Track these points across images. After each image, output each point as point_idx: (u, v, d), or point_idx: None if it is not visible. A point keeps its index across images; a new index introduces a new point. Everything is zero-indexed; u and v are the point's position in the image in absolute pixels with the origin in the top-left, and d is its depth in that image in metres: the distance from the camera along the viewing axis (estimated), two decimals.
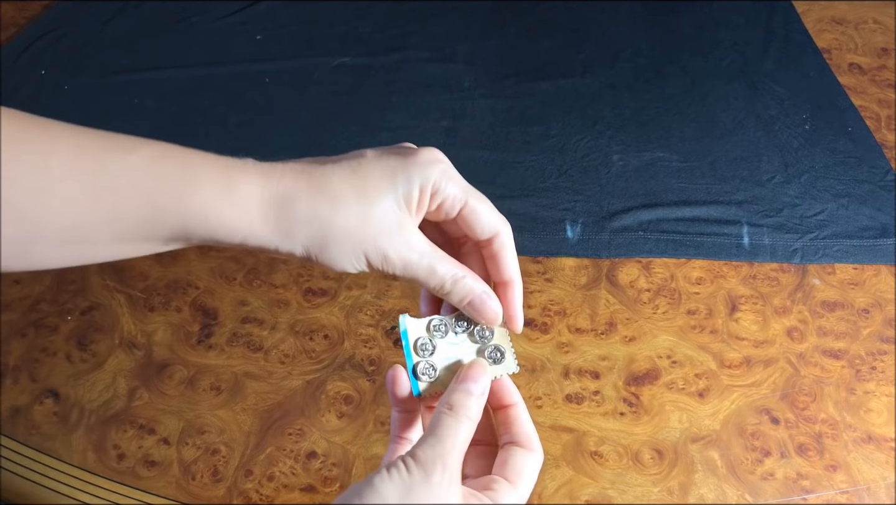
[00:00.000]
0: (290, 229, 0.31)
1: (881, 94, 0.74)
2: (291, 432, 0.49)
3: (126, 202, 0.30)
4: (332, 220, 0.32)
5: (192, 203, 0.31)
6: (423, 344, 0.34)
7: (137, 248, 0.32)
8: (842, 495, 0.46)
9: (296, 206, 0.32)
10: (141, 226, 0.31)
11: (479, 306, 0.34)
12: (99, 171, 0.30)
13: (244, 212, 0.31)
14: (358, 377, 0.52)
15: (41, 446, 0.49)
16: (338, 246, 0.32)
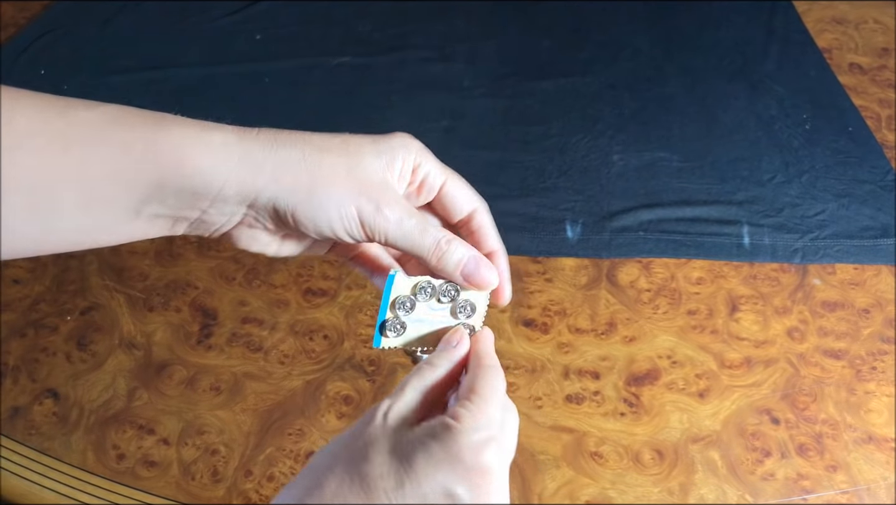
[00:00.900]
0: (275, 171, 0.29)
1: (882, 94, 0.74)
2: (291, 433, 0.49)
3: (95, 154, 0.28)
4: (320, 163, 0.30)
5: (166, 147, 0.29)
6: (402, 302, 0.34)
7: (109, 219, 0.29)
8: (842, 496, 0.46)
9: (280, 148, 0.30)
10: (112, 184, 0.28)
11: (472, 270, 0.33)
12: (66, 125, 0.28)
13: (222, 152, 0.29)
14: (358, 377, 0.52)
15: (41, 446, 0.49)
16: (326, 193, 0.30)
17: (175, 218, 0.30)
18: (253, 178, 0.29)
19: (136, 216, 0.29)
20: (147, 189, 0.29)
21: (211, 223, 0.31)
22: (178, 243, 0.60)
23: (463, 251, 0.33)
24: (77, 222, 0.29)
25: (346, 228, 0.31)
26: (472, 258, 0.33)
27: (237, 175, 0.29)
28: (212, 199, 0.30)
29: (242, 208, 0.31)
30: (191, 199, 0.29)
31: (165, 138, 0.29)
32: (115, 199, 0.29)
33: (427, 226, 0.32)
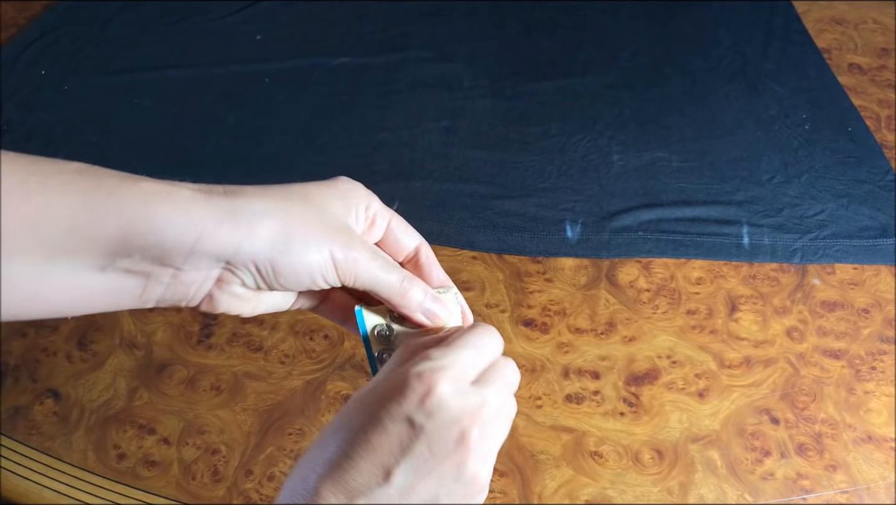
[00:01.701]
0: (251, 225, 0.29)
1: (881, 94, 0.74)
2: (291, 432, 0.49)
3: (55, 203, 0.27)
4: (291, 214, 0.30)
5: (131, 198, 0.27)
6: (380, 331, 0.35)
7: (73, 274, 0.28)
8: (841, 495, 0.46)
9: (249, 203, 0.29)
10: (73, 235, 0.27)
11: (430, 307, 0.34)
12: (27, 174, 0.27)
13: (192, 206, 0.28)
14: (358, 377, 0.52)
15: (41, 446, 0.49)
16: (303, 242, 0.30)
17: (146, 276, 0.29)
18: (230, 233, 0.29)
19: (100, 272, 0.28)
20: (111, 242, 0.28)
21: (187, 283, 0.30)
22: None
23: (422, 290, 0.34)
24: (41, 279, 0.28)
25: (322, 274, 0.31)
26: (429, 296, 0.34)
27: (213, 230, 0.28)
28: (185, 255, 0.29)
29: (220, 265, 0.30)
30: (160, 254, 0.28)
31: (130, 189, 0.28)
32: (76, 251, 0.27)
33: (390, 265, 0.33)
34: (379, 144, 0.68)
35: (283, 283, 0.31)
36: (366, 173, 0.65)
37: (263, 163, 0.67)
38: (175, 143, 0.69)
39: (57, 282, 0.28)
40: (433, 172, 0.66)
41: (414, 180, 0.65)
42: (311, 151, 0.68)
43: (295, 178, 0.72)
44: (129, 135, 0.69)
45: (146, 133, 0.69)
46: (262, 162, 0.67)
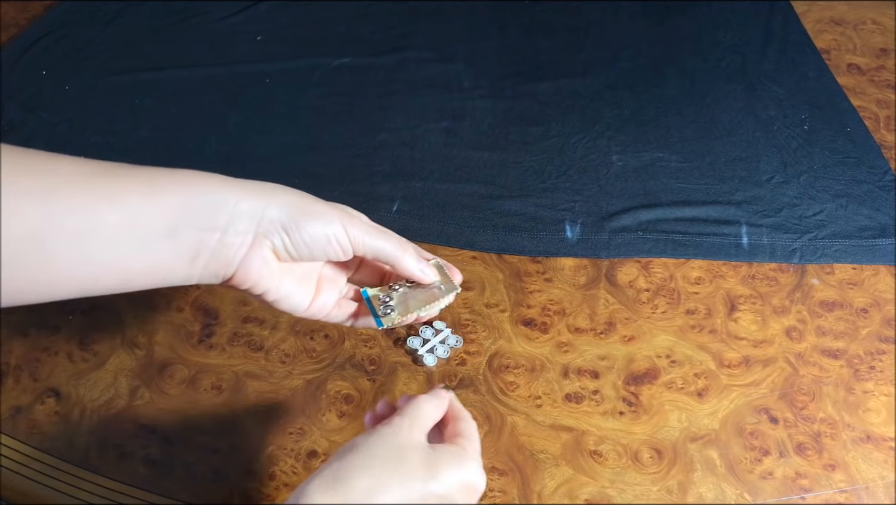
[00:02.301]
0: (272, 195, 0.37)
1: (880, 95, 0.74)
2: (292, 432, 0.49)
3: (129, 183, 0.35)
4: (301, 195, 0.39)
5: (182, 177, 0.36)
6: (379, 297, 0.44)
7: (146, 240, 0.35)
8: (840, 495, 0.47)
9: (266, 184, 0.38)
10: (148, 205, 0.35)
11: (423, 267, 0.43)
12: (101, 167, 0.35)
13: (227, 184, 0.37)
14: (358, 377, 0.52)
15: (42, 446, 0.49)
16: (318, 210, 0.38)
17: (199, 242, 0.36)
18: (258, 197, 0.37)
19: (166, 237, 0.35)
20: (175, 208, 0.35)
21: (229, 246, 0.37)
22: None
23: (414, 251, 0.42)
24: (120, 248, 0.34)
25: (337, 240, 0.39)
26: (421, 258, 0.43)
27: (246, 196, 0.37)
28: (228, 216, 0.36)
29: (253, 226, 0.37)
30: (212, 215, 0.36)
31: (178, 173, 0.36)
32: (151, 218, 0.35)
33: (389, 234, 0.41)
34: (379, 145, 0.69)
35: (307, 244, 0.38)
36: (366, 173, 0.66)
37: (264, 163, 0.67)
38: (176, 143, 0.69)
39: (131, 248, 0.34)
40: (433, 173, 0.66)
41: (414, 180, 0.65)
42: (311, 152, 0.68)
43: (296, 179, 0.73)
44: (129, 135, 0.69)
45: (147, 133, 0.70)
46: (262, 162, 0.67)
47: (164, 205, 0.35)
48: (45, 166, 0.34)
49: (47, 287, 0.34)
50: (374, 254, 0.40)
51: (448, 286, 0.44)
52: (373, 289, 0.44)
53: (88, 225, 0.33)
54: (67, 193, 0.33)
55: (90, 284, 0.35)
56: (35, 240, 0.32)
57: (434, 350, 0.53)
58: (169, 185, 0.36)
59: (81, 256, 0.34)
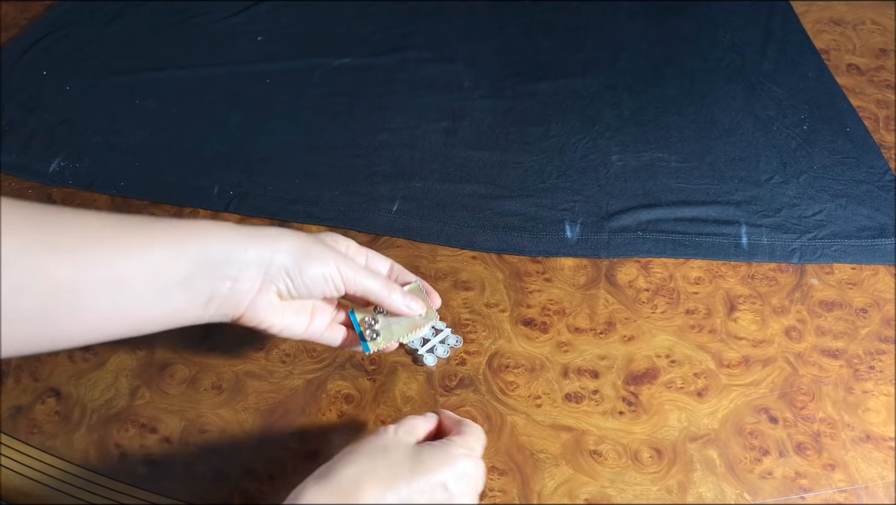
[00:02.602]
0: (278, 242, 0.41)
1: (879, 95, 0.74)
2: (293, 431, 0.49)
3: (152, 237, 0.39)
4: (301, 238, 0.42)
5: (198, 230, 0.40)
6: (367, 320, 0.48)
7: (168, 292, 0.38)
8: (840, 494, 0.47)
9: (269, 229, 0.42)
10: (169, 258, 0.38)
11: (408, 303, 0.47)
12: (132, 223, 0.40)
13: (238, 231, 0.41)
14: (358, 376, 0.52)
15: (43, 445, 0.49)
16: (317, 254, 0.42)
17: (212, 289, 0.40)
18: (265, 246, 0.41)
19: (183, 286, 0.38)
20: (192, 261, 0.39)
21: (239, 291, 0.40)
22: None
23: (399, 291, 0.46)
24: (143, 298, 0.37)
25: (332, 280, 0.43)
26: (406, 295, 0.47)
27: (254, 245, 0.40)
28: (239, 265, 0.40)
29: (261, 274, 0.41)
30: (224, 265, 0.39)
31: (195, 225, 0.40)
32: (171, 271, 0.38)
33: (377, 275, 0.46)
34: (380, 145, 0.69)
35: (307, 285, 0.42)
36: (366, 173, 0.66)
37: (265, 163, 0.67)
38: (176, 143, 0.69)
39: (157, 309, 0.38)
40: (433, 173, 0.66)
41: (414, 180, 0.65)
42: (312, 152, 0.68)
43: (296, 179, 0.73)
44: (130, 135, 0.69)
45: (147, 133, 0.70)
46: (263, 162, 0.67)
47: (183, 258, 0.38)
48: (74, 221, 0.36)
49: (71, 337, 0.37)
50: (363, 292, 0.45)
51: (429, 313, 0.49)
52: (360, 311, 0.49)
53: (116, 278, 0.36)
54: (97, 248, 0.36)
55: (111, 331, 0.38)
56: (68, 293, 0.35)
57: (434, 350, 0.53)
58: (186, 236, 0.39)
59: (108, 307, 0.37)
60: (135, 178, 0.66)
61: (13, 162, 0.67)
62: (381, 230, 0.62)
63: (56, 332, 0.36)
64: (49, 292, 0.34)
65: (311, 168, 0.66)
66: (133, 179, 0.66)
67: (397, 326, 0.48)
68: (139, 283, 0.37)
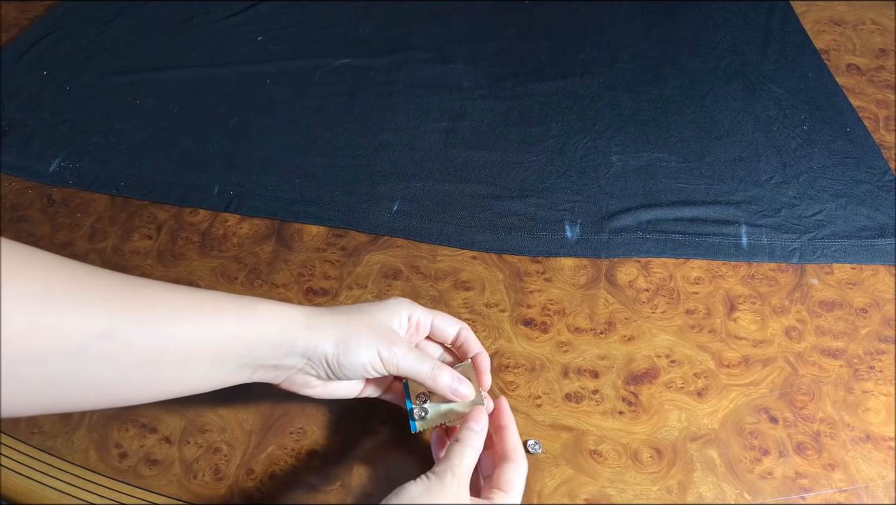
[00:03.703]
0: (324, 331, 0.42)
1: (879, 95, 0.74)
2: (293, 431, 0.49)
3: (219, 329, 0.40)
4: (349, 323, 0.43)
5: (258, 327, 0.41)
6: (419, 394, 0.47)
7: (221, 371, 0.41)
8: (840, 494, 0.47)
9: (323, 316, 0.43)
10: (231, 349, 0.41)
11: (456, 388, 0.45)
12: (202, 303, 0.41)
13: (292, 323, 0.42)
14: None
15: (43, 445, 0.49)
16: (357, 343, 0.43)
17: (259, 367, 0.42)
18: (312, 337, 0.42)
19: (240, 366, 0.41)
20: (251, 344, 0.41)
21: (281, 369, 0.43)
22: (181, 243, 0.61)
23: (448, 375, 0.45)
24: (204, 373, 0.41)
25: (372, 366, 0.43)
26: (455, 379, 0.45)
27: (303, 335, 0.42)
28: (286, 352, 0.42)
29: (304, 360, 0.43)
30: (275, 352, 0.42)
31: (257, 305, 0.42)
32: (232, 351, 0.40)
33: (423, 357, 0.45)
34: (380, 145, 0.69)
35: (346, 373, 0.43)
36: (367, 173, 0.66)
37: (265, 163, 0.67)
38: (177, 143, 0.69)
39: (213, 380, 0.41)
40: (433, 173, 0.66)
41: (414, 181, 0.65)
42: (312, 152, 0.68)
43: (296, 179, 0.72)
44: (130, 135, 0.69)
45: (148, 134, 0.70)
46: (263, 162, 0.67)
47: (244, 342, 0.41)
48: (159, 296, 0.39)
49: (138, 399, 0.40)
50: (408, 375, 0.45)
51: (476, 398, 0.46)
52: (413, 383, 0.47)
53: (187, 354, 0.39)
54: (173, 324, 0.38)
55: (166, 395, 0.41)
56: (148, 364, 0.38)
57: None
58: (250, 316, 0.41)
59: (174, 378, 0.39)
60: (135, 178, 0.66)
61: (13, 162, 0.67)
62: (381, 230, 0.62)
63: (130, 395, 0.39)
64: (131, 364, 0.37)
65: (311, 168, 0.67)
66: (133, 179, 0.66)
67: (446, 407, 0.46)
68: (204, 361, 0.40)
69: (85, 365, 0.35)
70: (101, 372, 0.36)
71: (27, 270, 0.34)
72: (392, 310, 0.45)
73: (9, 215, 0.63)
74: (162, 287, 0.39)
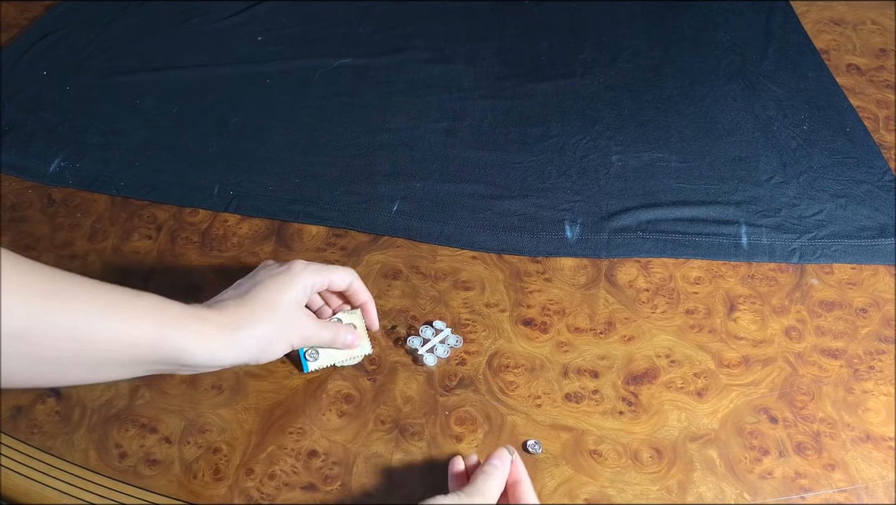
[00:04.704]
0: (245, 346, 0.44)
1: (879, 95, 0.74)
2: (292, 431, 0.50)
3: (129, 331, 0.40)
4: (266, 328, 0.45)
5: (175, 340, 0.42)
6: (310, 351, 0.52)
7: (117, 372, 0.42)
8: (840, 494, 0.47)
9: (242, 328, 0.44)
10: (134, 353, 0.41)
11: (350, 341, 0.51)
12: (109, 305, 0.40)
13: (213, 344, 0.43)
14: (358, 376, 0.52)
15: (43, 445, 0.49)
16: (273, 348, 0.46)
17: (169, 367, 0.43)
18: (234, 355, 0.44)
19: (147, 372, 0.43)
20: (157, 362, 0.42)
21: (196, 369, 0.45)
22: (181, 243, 0.61)
23: (345, 334, 0.51)
24: (95, 375, 0.41)
25: (285, 353, 0.47)
26: (353, 336, 0.51)
27: (226, 355, 0.43)
28: (206, 365, 0.43)
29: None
30: (193, 363, 0.43)
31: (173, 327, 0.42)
32: (129, 363, 0.41)
33: (322, 326, 0.49)
34: (380, 145, 0.69)
35: (263, 362, 0.47)
36: (367, 173, 0.66)
37: (265, 163, 0.67)
38: (177, 143, 0.69)
39: (106, 376, 0.42)
40: (433, 173, 0.66)
41: (415, 181, 0.65)
42: (312, 152, 0.68)
43: (296, 179, 0.72)
44: (130, 135, 0.69)
45: (148, 133, 0.70)
46: (263, 162, 0.67)
47: (147, 360, 0.41)
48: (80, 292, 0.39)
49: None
50: (315, 344, 0.51)
51: (364, 344, 0.53)
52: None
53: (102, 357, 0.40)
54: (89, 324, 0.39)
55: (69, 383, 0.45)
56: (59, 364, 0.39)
57: (434, 350, 0.53)
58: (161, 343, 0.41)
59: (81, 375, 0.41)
60: (135, 178, 0.66)
61: (13, 162, 0.67)
62: (381, 230, 0.62)
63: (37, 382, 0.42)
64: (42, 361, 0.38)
65: (311, 168, 0.67)
66: (133, 179, 0.66)
67: (336, 351, 0.52)
68: (116, 365, 0.41)
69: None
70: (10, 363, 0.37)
71: None
72: (293, 288, 0.47)
73: (9, 215, 0.63)
74: (82, 282, 0.40)
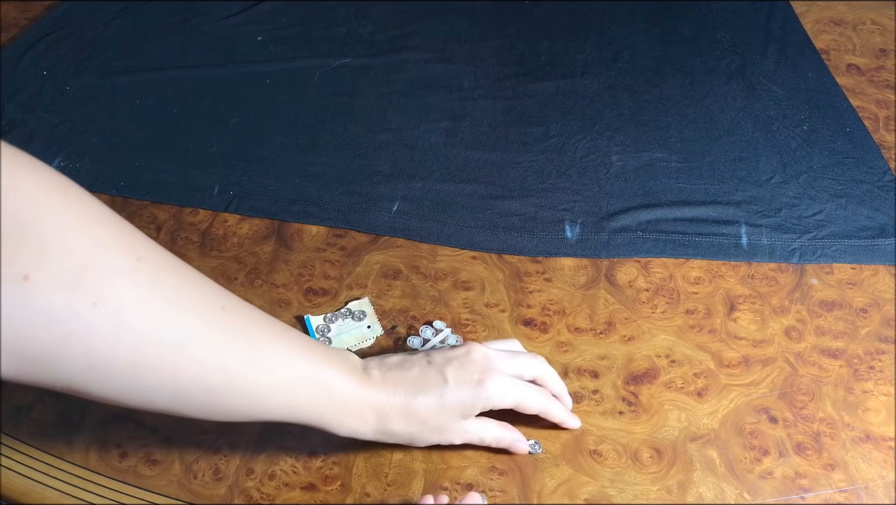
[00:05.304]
0: (389, 433, 0.45)
1: (879, 95, 0.74)
2: (293, 431, 0.49)
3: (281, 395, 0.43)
4: (419, 436, 0.46)
5: (326, 413, 0.44)
6: (320, 327, 0.54)
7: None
8: (840, 494, 0.47)
9: (392, 422, 0.45)
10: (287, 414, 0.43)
11: (515, 450, 0.48)
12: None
13: (361, 426, 0.45)
14: None
15: (43, 445, 0.49)
16: (421, 442, 0.46)
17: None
18: (373, 436, 0.45)
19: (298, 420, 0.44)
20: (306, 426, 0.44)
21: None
22: (181, 243, 0.61)
23: (508, 441, 0.48)
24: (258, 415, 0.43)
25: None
26: (511, 443, 0.48)
27: (394, 433, 0.45)
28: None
29: None
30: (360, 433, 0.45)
31: (328, 396, 0.44)
32: (296, 415, 0.43)
33: (483, 438, 0.47)
34: (380, 145, 0.69)
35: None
36: (367, 173, 0.66)
37: (265, 163, 0.67)
38: (177, 143, 0.69)
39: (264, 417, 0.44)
40: (433, 173, 0.66)
41: (414, 181, 0.65)
42: (312, 152, 0.68)
43: (296, 179, 0.72)
44: (130, 135, 0.69)
45: (148, 133, 0.70)
46: (263, 162, 0.67)
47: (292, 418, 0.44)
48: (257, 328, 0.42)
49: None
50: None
51: (375, 327, 0.54)
52: (316, 317, 0.54)
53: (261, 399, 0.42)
54: (263, 362, 0.42)
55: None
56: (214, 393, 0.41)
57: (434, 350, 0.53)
58: (308, 414, 0.44)
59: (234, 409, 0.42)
60: (135, 178, 0.66)
61: None
62: (381, 230, 0.62)
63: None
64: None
65: (311, 168, 0.67)
66: (133, 179, 0.66)
67: (347, 335, 0.53)
68: (274, 410, 0.43)
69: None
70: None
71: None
72: (476, 408, 0.46)
73: None
74: (265, 320, 0.42)
